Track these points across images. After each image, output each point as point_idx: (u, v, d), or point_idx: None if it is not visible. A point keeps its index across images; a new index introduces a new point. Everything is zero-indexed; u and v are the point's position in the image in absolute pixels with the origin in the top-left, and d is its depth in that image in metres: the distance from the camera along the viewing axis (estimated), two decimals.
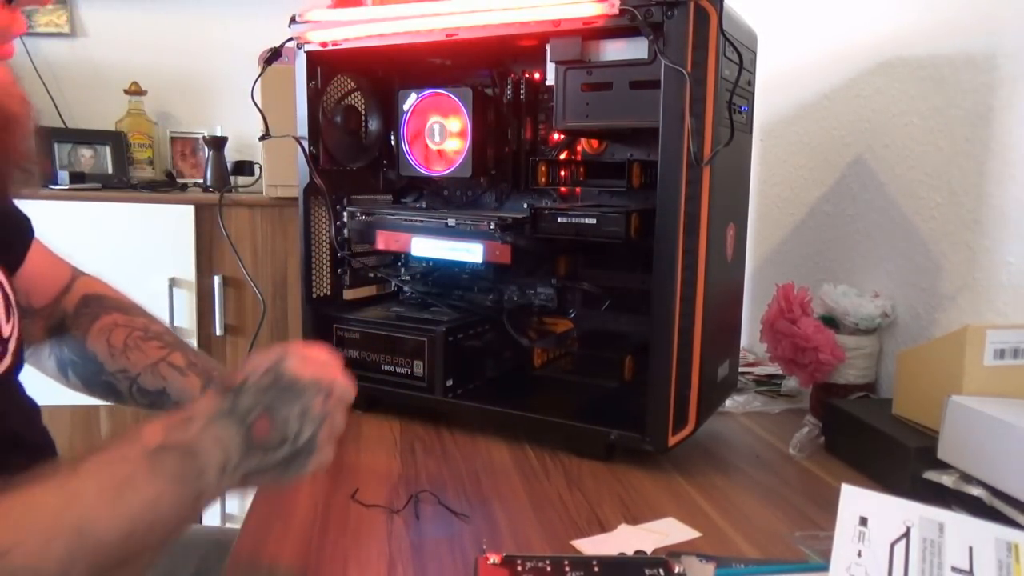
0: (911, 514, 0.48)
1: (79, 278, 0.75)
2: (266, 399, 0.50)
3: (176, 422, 0.48)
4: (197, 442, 0.48)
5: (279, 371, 0.50)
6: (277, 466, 0.50)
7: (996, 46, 0.82)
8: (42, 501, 0.43)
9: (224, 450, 0.48)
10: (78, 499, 0.44)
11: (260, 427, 0.49)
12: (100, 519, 0.44)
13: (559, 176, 0.88)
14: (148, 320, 0.73)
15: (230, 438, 0.48)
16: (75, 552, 0.42)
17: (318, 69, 0.92)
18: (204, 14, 2.13)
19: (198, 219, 1.71)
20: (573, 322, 0.95)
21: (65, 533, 0.42)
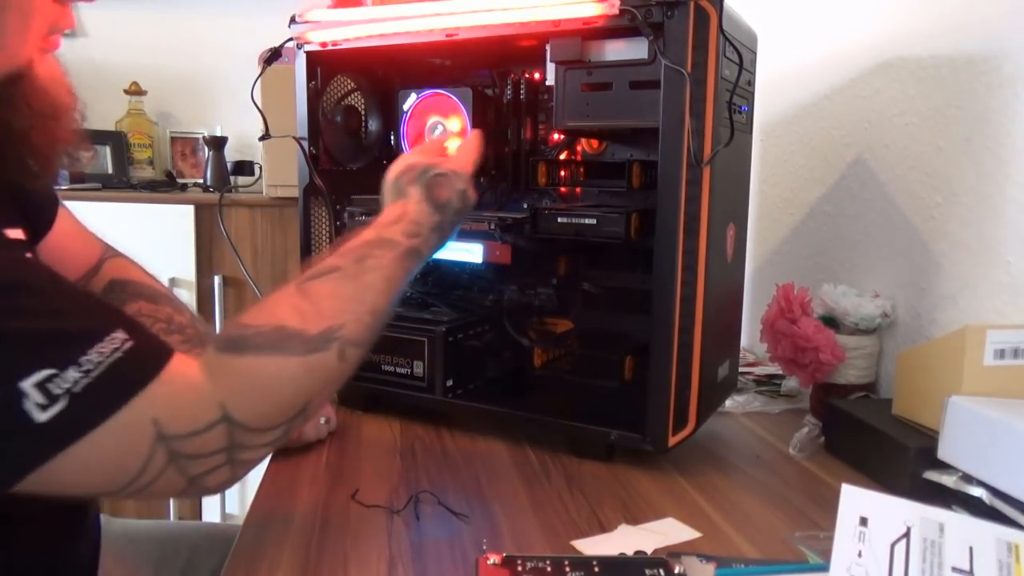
0: (911, 514, 0.48)
1: (109, 259, 0.76)
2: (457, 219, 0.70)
3: (411, 229, 0.65)
4: (423, 246, 0.66)
5: (466, 200, 0.70)
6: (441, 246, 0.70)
7: (996, 47, 0.82)
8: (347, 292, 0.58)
9: (431, 250, 0.68)
10: (370, 290, 0.59)
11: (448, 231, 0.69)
12: (380, 303, 0.60)
13: (559, 176, 0.88)
14: (173, 310, 0.73)
15: (437, 243, 0.68)
16: (372, 327, 0.58)
17: (318, 69, 0.92)
18: (204, 14, 2.13)
19: (198, 219, 1.71)
20: (573, 322, 0.95)
21: (367, 313, 0.58)
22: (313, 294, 0.56)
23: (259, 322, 0.53)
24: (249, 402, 0.51)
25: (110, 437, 0.45)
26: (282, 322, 0.53)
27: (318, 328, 0.54)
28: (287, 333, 0.53)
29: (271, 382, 0.51)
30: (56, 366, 0.43)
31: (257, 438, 0.51)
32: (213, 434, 0.49)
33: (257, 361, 0.51)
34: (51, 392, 0.42)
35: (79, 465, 0.44)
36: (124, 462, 0.46)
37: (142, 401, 0.46)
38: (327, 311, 0.55)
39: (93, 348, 0.44)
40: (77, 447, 0.44)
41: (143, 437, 0.46)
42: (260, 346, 0.51)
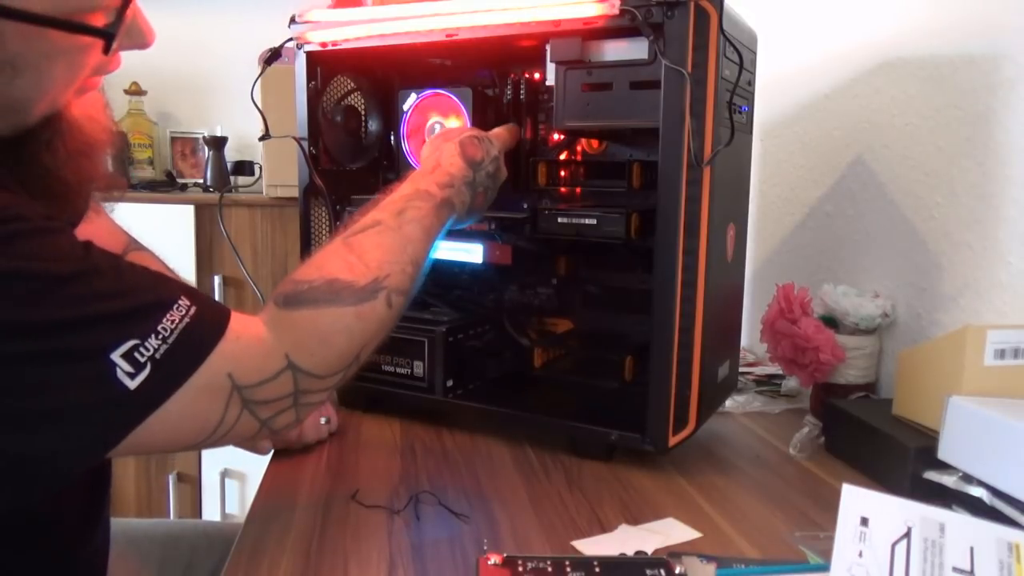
0: (912, 514, 0.48)
1: (132, 252, 0.77)
2: (488, 183, 0.76)
3: (445, 180, 0.71)
4: (455, 198, 0.71)
5: (499, 164, 0.78)
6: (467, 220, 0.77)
7: (996, 47, 0.82)
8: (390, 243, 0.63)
9: (463, 205, 0.73)
10: (411, 241, 0.64)
11: (479, 198, 0.76)
12: (420, 252, 0.65)
13: (559, 176, 0.88)
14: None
15: (467, 200, 0.73)
16: (414, 276, 0.64)
17: (318, 69, 0.92)
18: (204, 14, 2.13)
19: (198, 219, 1.71)
20: (573, 322, 0.95)
21: (409, 263, 0.63)
22: (359, 247, 0.61)
23: (312, 276, 0.57)
24: (310, 351, 0.55)
25: (192, 394, 0.49)
26: (334, 275, 0.58)
27: (366, 279, 0.59)
28: (339, 285, 0.57)
29: (329, 331, 0.56)
30: (138, 337, 0.46)
31: (319, 383, 0.57)
32: (281, 381, 0.54)
33: (315, 313, 0.56)
34: (137, 360, 0.46)
35: (168, 423, 0.48)
36: (207, 415, 0.51)
37: (216, 358, 0.50)
38: (373, 262, 0.60)
39: (165, 316, 0.48)
40: (166, 407, 0.48)
41: (221, 390, 0.51)
42: (316, 299, 0.56)
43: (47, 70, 0.49)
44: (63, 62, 0.50)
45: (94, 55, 0.51)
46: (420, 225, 0.65)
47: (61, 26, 0.47)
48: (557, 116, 0.80)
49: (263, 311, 0.57)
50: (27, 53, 0.47)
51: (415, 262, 0.64)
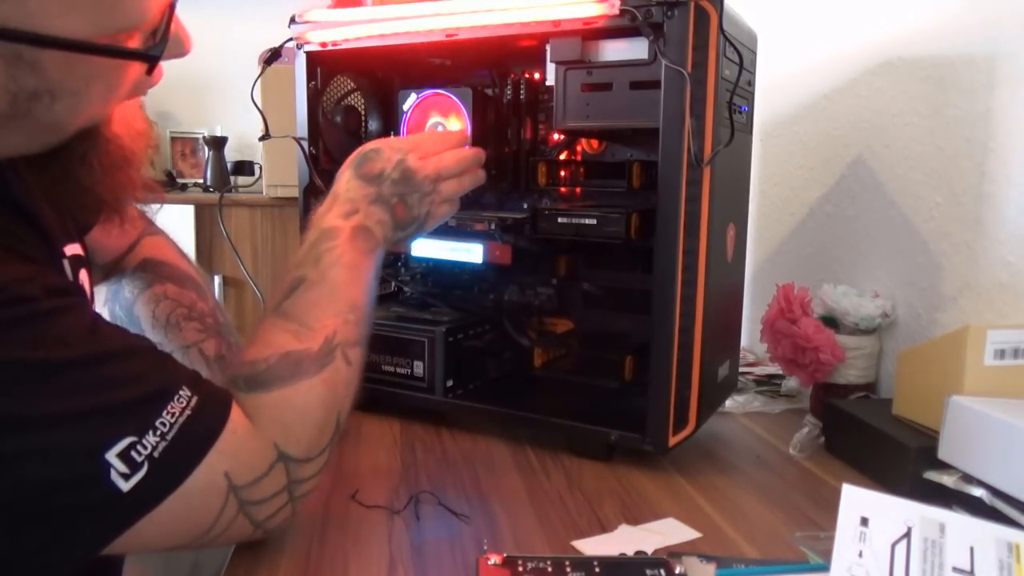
0: (912, 514, 0.48)
1: (146, 238, 0.76)
2: (400, 188, 0.67)
3: (347, 209, 0.64)
4: (367, 221, 0.64)
5: (404, 166, 0.67)
6: (411, 234, 0.69)
7: (996, 47, 0.82)
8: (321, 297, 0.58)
9: (382, 226, 0.66)
10: (339, 287, 0.59)
11: (398, 210, 0.67)
12: (354, 294, 0.60)
13: (559, 176, 0.88)
14: (198, 296, 0.74)
15: (383, 218, 0.66)
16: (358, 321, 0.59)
17: (318, 69, 0.92)
18: (204, 14, 2.12)
19: (198, 219, 1.71)
20: (573, 322, 0.95)
21: (349, 311, 0.59)
22: (294, 313, 0.57)
23: (265, 354, 0.54)
24: (295, 434, 0.53)
25: (188, 495, 0.46)
26: (285, 348, 0.55)
27: (317, 343, 0.56)
28: (295, 357, 0.54)
29: (305, 408, 0.54)
30: (136, 433, 0.44)
31: (309, 469, 0.54)
32: (274, 475, 0.51)
33: (285, 392, 0.53)
34: (133, 460, 0.43)
35: (161, 526, 0.46)
36: (200, 518, 0.48)
37: (214, 456, 0.48)
38: (315, 324, 0.57)
39: (165, 409, 0.46)
40: (158, 509, 0.45)
41: (217, 491, 0.48)
42: (280, 377, 0.53)
43: (86, 94, 0.47)
44: (103, 83, 0.47)
45: (134, 71, 0.49)
46: (341, 266, 0.60)
47: (104, 52, 0.45)
48: (557, 116, 0.80)
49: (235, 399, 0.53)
50: (66, 80, 0.44)
51: (353, 306, 0.59)
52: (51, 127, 0.47)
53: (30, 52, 0.42)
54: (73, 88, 0.45)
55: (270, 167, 1.72)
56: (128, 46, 0.46)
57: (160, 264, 0.74)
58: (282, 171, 1.66)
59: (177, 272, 0.75)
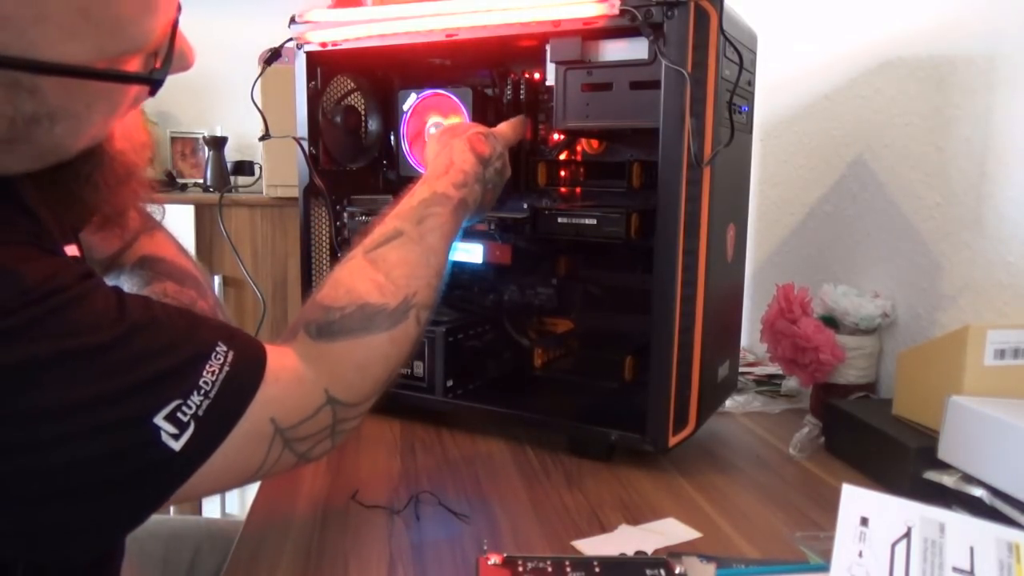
0: (912, 514, 0.48)
1: (144, 234, 0.76)
2: (496, 179, 0.75)
3: (460, 179, 0.69)
4: (469, 197, 0.70)
5: (505, 160, 0.76)
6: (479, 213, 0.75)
7: (996, 47, 0.82)
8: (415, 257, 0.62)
9: (475, 204, 0.71)
10: (433, 252, 0.63)
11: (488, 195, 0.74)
12: (442, 262, 0.64)
13: (559, 176, 0.88)
14: (198, 294, 0.73)
15: (479, 198, 0.72)
16: (438, 287, 0.63)
17: (318, 69, 0.92)
18: (204, 14, 2.12)
19: (198, 219, 1.71)
20: (573, 322, 0.95)
21: (434, 276, 0.62)
22: (384, 264, 0.60)
23: (342, 302, 0.56)
24: (349, 382, 0.55)
25: (236, 444, 0.48)
26: (364, 299, 0.57)
27: (397, 300, 0.58)
28: (371, 310, 0.57)
29: (366, 361, 0.56)
30: (181, 396, 0.45)
31: (355, 411, 0.56)
32: (320, 416, 0.53)
33: (351, 344, 0.55)
34: (181, 420, 0.45)
35: (212, 474, 0.47)
36: (249, 460, 0.50)
37: (257, 405, 0.49)
38: (400, 281, 0.59)
39: (205, 368, 0.47)
40: (210, 462, 0.47)
41: (264, 435, 0.50)
42: (351, 328, 0.55)
43: (87, 116, 0.46)
44: (104, 105, 0.47)
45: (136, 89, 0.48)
46: (441, 232, 0.64)
47: (105, 77, 0.44)
48: (557, 116, 0.80)
49: (295, 341, 0.55)
50: (67, 104, 0.44)
51: (439, 273, 0.63)
52: (52, 149, 0.47)
53: (29, 78, 0.41)
54: (73, 111, 0.45)
55: (270, 167, 1.72)
56: (130, 66, 0.46)
57: (159, 261, 0.74)
58: (282, 171, 1.66)
59: (177, 269, 0.75)
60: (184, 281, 0.73)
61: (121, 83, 0.46)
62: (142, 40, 0.44)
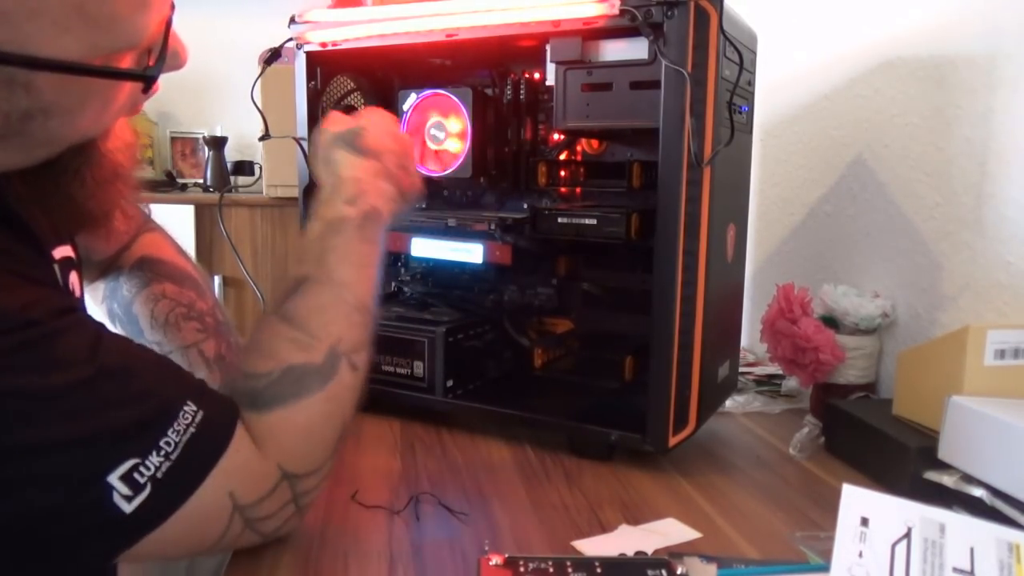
0: (912, 514, 0.48)
1: (143, 235, 0.75)
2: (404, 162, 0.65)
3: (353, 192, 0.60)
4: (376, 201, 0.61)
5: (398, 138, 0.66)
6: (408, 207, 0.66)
7: (996, 47, 0.82)
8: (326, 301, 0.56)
9: (390, 202, 0.63)
10: (346, 287, 0.56)
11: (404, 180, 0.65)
12: (361, 291, 0.57)
13: (559, 176, 0.88)
14: (197, 295, 0.73)
15: (391, 192, 0.63)
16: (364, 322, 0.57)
17: (318, 69, 0.92)
18: (204, 14, 2.12)
19: (198, 219, 1.71)
20: (573, 322, 0.95)
21: (355, 311, 0.56)
22: (297, 318, 0.55)
23: (266, 368, 0.52)
24: (299, 453, 0.52)
25: (192, 514, 0.46)
26: (287, 362, 0.53)
27: (321, 354, 0.54)
28: (298, 373, 0.53)
29: (309, 426, 0.53)
30: (139, 455, 0.43)
31: (314, 479, 0.54)
32: (279, 492, 0.51)
33: (287, 412, 0.52)
34: (136, 481, 0.43)
35: (165, 542, 0.45)
36: (206, 534, 0.48)
37: (218, 476, 0.47)
38: (319, 332, 0.54)
39: (171, 427, 0.45)
40: (162, 529, 0.45)
41: (221, 510, 0.48)
42: (282, 395, 0.52)
43: (80, 112, 0.46)
44: (98, 101, 0.47)
45: (130, 86, 0.48)
46: (349, 262, 0.57)
47: (99, 74, 0.44)
48: (557, 116, 0.80)
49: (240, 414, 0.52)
50: (61, 100, 0.44)
51: (360, 306, 0.57)
52: (45, 143, 0.47)
53: (24, 74, 0.41)
54: (67, 107, 0.45)
55: (270, 167, 1.72)
56: (124, 63, 0.46)
57: (158, 262, 0.74)
58: (282, 171, 1.66)
59: (175, 270, 0.74)
60: (183, 282, 0.73)
61: (115, 80, 0.46)
62: (136, 37, 0.45)
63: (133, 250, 0.74)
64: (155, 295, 0.71)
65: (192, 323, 0.71)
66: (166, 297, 0.71)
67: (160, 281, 0.72)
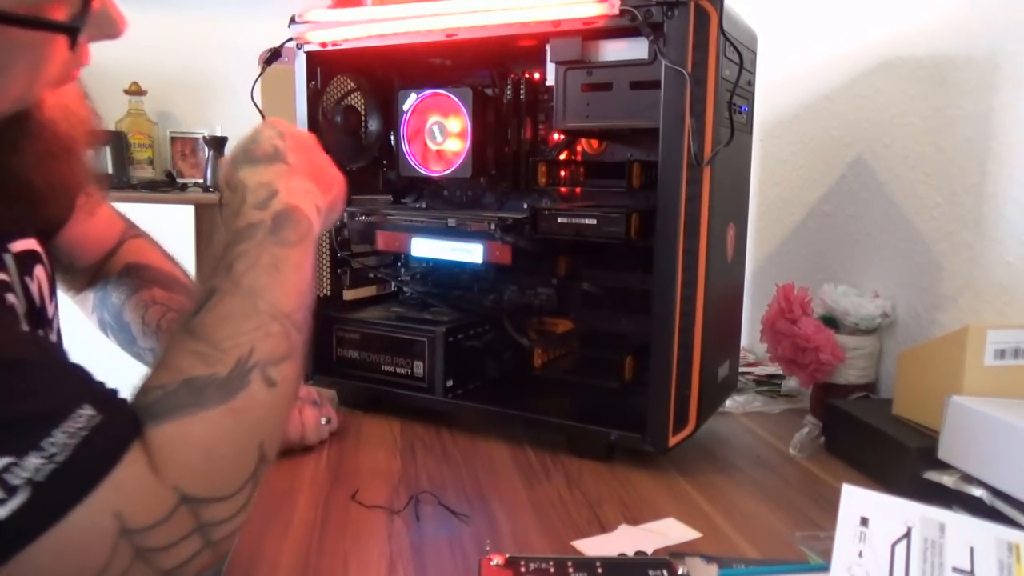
0: (912, 514, 0.48)
1: (128, 241, 0.74)
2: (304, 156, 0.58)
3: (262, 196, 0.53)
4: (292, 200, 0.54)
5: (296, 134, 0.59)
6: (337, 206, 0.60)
7: (996, 47, 0.82)
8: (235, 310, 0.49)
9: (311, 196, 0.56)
10: (257, 294, 0.50)
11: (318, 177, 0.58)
12: (282, 299, 0.50)
13: (559, 176, 0.88)
14: (186, 298, 0.72)
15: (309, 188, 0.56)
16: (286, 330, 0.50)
17: (318, 69, 0.92)
18: (204, 14, 2.13)
19: (198, 219, 1.71)
20: (573, 322, 0.95)
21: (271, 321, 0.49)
22: (203, 329, 0.49)
23: (164, 380, 0.47)
24: (197, 471, 0.45)
25: (72, 532, 0.40)
26: (187, 373, 0.47)
27: (227, 367, 0.47)
28: (198, 384, 0.46)
29: (208, 441, 0.46)
30: (15, 453, 0.38)
31: (224, 509, 0.46)
32: (176, 519, 0.44)
33: (182, 424, 0.45)
34: (9, 483, 0.38)
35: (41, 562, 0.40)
36: (86, 560, 0.41)
37: (107, 490, 0.41)
38: (226, 343, 0.48)
39: (58, 428, 0.40)
40: (38, 545, 0.39)
41: (105, 532, 0.41)
42: (178, 406, 0.45)
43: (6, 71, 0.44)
44: (24, 59, 0.44)
45: (60, 49, 0.45)
46: (260, 267, 0.51)
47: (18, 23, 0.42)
48: (557, 116, 0.80)
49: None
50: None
51: (278, 314, 0.50)
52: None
53: None
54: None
55: None
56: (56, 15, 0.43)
57: (145, 268, 0.73)
58: None
59: (163, 275, 0.74)
60: (171, 286, 0.73)
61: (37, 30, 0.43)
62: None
63: (119, 256, 0.73)
64: (145, 301, 0.70)
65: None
66: (156, 302, 0.70)
67: (149, 287, 0.71)
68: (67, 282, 0.72)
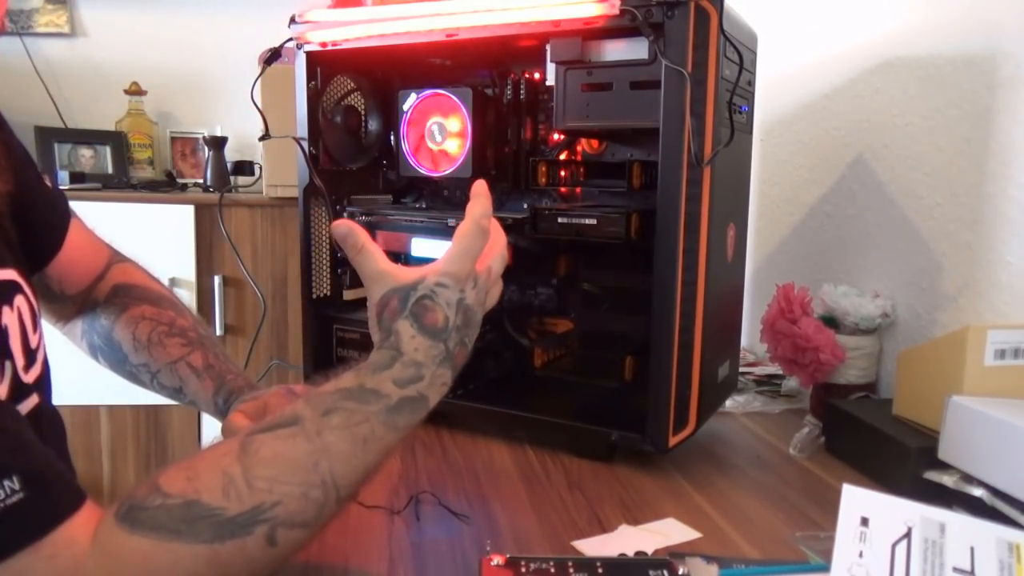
0: (912, 514, 0.48)
1: (115, 265, 0.74)
2: (466, 332, 0.57)
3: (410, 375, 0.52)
4: (428, 391, 0.53)
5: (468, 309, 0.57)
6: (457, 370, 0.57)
7: (996, 47, 0.82)
8: (296, 454, 0.46)
9: (443, 389, 0.55)
10: (327, 453, 0.46)
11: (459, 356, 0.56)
12: (346, 472, 0.47)
13: (559, 176, 0.88)
14: (176, 314, 0.72)
15: (447, 379, 0.55)
16: (326, 502, 0.46)
17: (318, 69, 0.92)
18: (204, 14, 2.12)
19: (198, 219, 1.70)
20: (573, 322, 0.95)
21: (318, 486, 0.46)
22: (252, 456, 0.45)
23: (173, 490, 0.43)
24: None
25: None
26: (197, 495, 0.42)
27: (241, 506, 0.43)
28: (198, 511, 0.42)
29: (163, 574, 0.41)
30: None
31: None
32: None
33: (151, 545, 0.41)
34: None
35: None
36: None
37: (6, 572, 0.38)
38: (259, 483, 0.44)
39: None
40: None
41: None
42: (160, 525, 0.41)
43: None
44: None
45: None
46: (350, 434, 0.47)
47: None
48: (557, 116, 0.80)
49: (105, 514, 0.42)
50: None
51: (329, 484, 0.46)
52: None
53: None
54: None
55: (270, 167, 1.71)
56: None
57: (132, 287, 0.73)
58: (282, 171, 1.66)
59: (151, 293, 0.74)
60: (160, 303, 0.73)
61: None
62: None
63: (106, 280, 0.73)
64: (134, 318, 0.70)
65: (175, 339, 0.70)
66: (146, 318, 0.70)
67: (137, 304, 0.72)
68: (56, 312, 0.71)
